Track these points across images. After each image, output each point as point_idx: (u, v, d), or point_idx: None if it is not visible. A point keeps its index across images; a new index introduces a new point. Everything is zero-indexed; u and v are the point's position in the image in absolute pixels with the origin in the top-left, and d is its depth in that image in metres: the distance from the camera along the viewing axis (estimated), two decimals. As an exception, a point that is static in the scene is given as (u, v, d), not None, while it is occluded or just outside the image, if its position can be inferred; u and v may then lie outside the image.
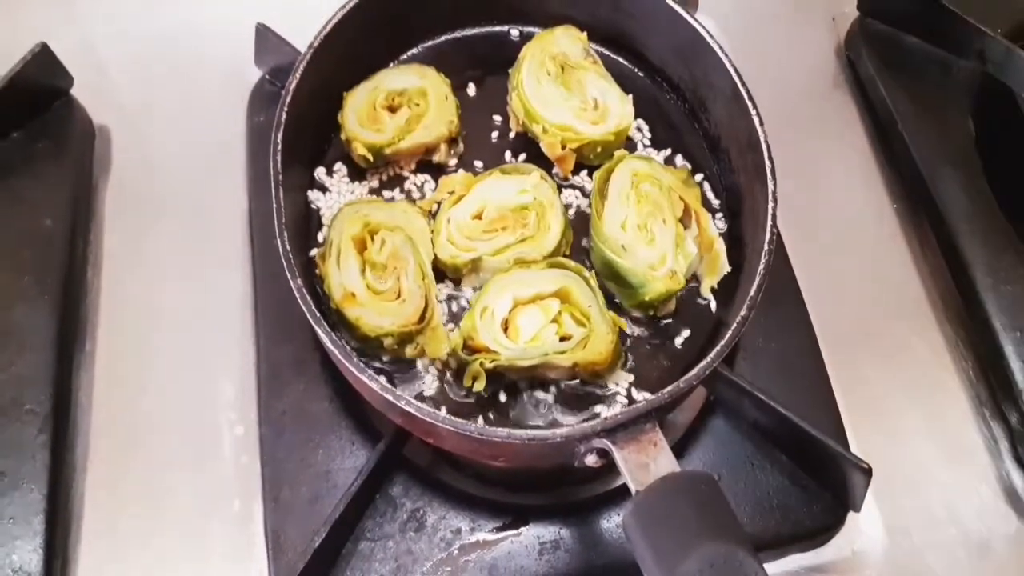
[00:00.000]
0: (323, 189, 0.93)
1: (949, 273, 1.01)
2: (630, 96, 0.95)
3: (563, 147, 0.92)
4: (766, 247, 0.80)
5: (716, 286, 0.89)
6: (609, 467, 0.76)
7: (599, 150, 0.93)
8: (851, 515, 0.88)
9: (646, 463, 0.70)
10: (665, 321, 0.88)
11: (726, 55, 0.89)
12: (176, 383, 0.95)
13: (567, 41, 0.97)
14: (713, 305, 0.89)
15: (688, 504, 0.66)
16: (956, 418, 0.96)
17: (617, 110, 0.94)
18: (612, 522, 0.86)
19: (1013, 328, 0.94)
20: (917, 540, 0.89)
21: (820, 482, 0.87)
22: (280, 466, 0.87)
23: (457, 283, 0.89)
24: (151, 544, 0.87)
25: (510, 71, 0.96)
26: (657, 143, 0.98)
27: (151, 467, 0.90)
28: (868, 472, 0.82)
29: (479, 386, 0.81)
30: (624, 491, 0.87)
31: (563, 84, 0.94)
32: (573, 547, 0.85)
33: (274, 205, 0.79)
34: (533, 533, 0.85)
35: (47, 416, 0.88)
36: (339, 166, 0.94)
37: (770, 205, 0.82)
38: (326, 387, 0.91)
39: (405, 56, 1.02)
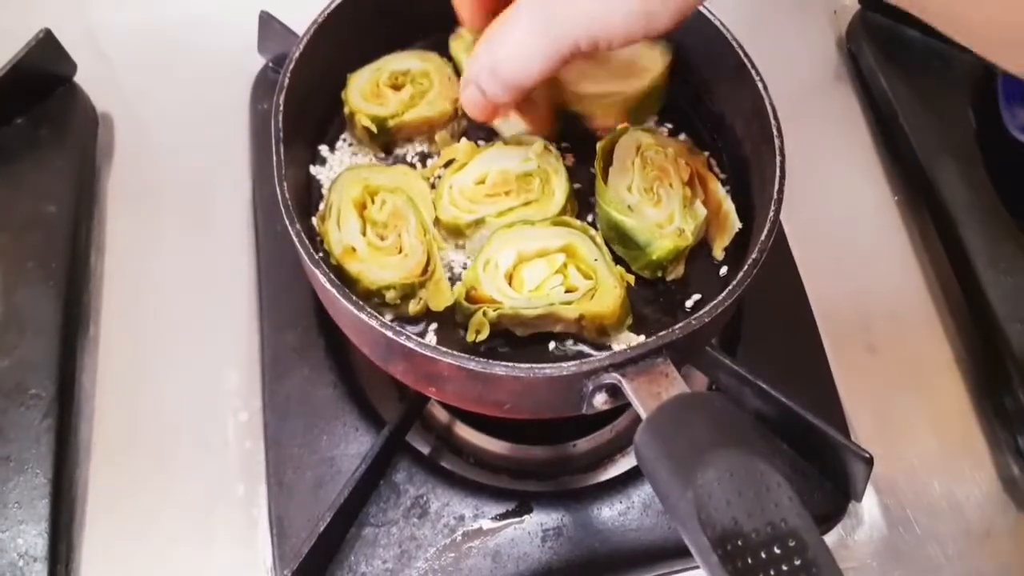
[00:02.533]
0: (325, 164, 0.92)
1: (950, 265, 1.02)
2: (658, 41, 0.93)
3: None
4: (775, 196, 0.79)
5: (727, 249, 0.86)
6: (616, 414, 0.72)
7: (648, 106, 0.93)
8: (852, 504, 0.88)
9: (657, 392, 0.66)
10: (674, 286, 0.85)
11: (726, 28, 0.88)
12: (180, 368, 0.95)
13: None
14: (723, 269, 0.86)
15: (704, 417, 0.63)
16: (956, 408, 0.96)
17: (652, 56, 0.92)
18: (615, 510, 0.86)
19: (1014, 319, 0.94)
20: (917, 530, 0.90)
21: (821, 471, 0.88)
22: (284, 451, 0.87)
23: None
24: (155, 528, 0.87)
25: None
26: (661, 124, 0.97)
27: (155, 452, 0.91)
28: (869, 462, 0.82)
29: (482, 337, 0.78)
30: (626, 479, 0.89)
31: (592, 57, 0.92)
32: (576, 534, 0.85)
33: (274, 159, 0.78)
34: (536, 520, 0.86)
35: (52, 401, 0.88)
36: (341, 144, 0.93)
37: (778, 159, 0.80)
38: (330, 373, 0.91)
39: (410, 43, 1.01)
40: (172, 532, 0.87)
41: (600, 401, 0.71)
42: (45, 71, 1.05)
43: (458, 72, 0.94)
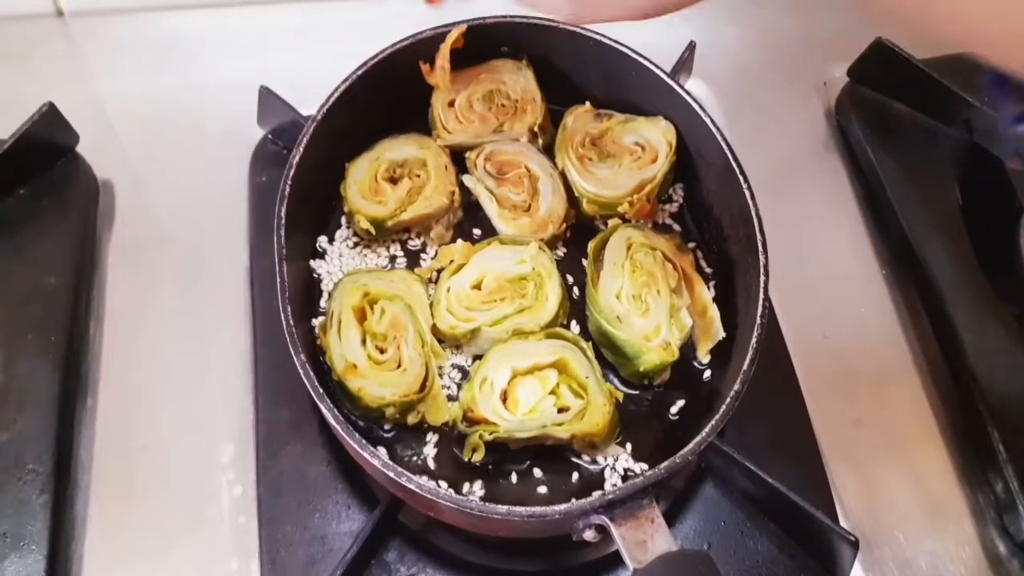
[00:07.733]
0: (324, 257, 0.95)
1: (936, 340, 1.03)
2: (657, 118, 0.98)
3: (648, 200, 0.95)
4: (758, 320, 0.82)
5: (711, 352, 0.91)
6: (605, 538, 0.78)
7: (670, 179, 0.97)
8: (838, 584, 0.89)
9: (643, 540, 0.71)
10: (660, 391, 0.90)
11: (718, 128, 0.91)
12: (176, 441, 0.95)
13: (579, 123, 0.99)
14: (707, 373, 0.90)
15: None
16: (943, 485, 0.97)
17: (657, 134, 0.97)
18: (606, 589, 0.87)
19: (1000, 396, 0.95)
20: (903, 609, 0.91)
21: (808, 552, 0.89)
22: (277, 528, 0.88)
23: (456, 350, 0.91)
24: (149, 604, 0.88)
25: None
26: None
27: (150, 526, 0.91)
28: (855, 545, 0.83)
29: (478, 457, 0.83)
30: (619, 557, 0.89)
31: (607, 156, 0.97)
32: (567, 615, 0.86)
33: (278, 280, 0.81)
34: (527, 600, 0.87)
35: (49, 476, 0.88)
36: (340, 233, 0.96)
37: (762, 279, 0.84)
38: (323, 450, 0.92)
39: (406, 125, 1.02)
40: (166, 608, 0.88)
41: (590, 536, 0.75)
42: (48, 143, 1.06)
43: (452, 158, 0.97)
